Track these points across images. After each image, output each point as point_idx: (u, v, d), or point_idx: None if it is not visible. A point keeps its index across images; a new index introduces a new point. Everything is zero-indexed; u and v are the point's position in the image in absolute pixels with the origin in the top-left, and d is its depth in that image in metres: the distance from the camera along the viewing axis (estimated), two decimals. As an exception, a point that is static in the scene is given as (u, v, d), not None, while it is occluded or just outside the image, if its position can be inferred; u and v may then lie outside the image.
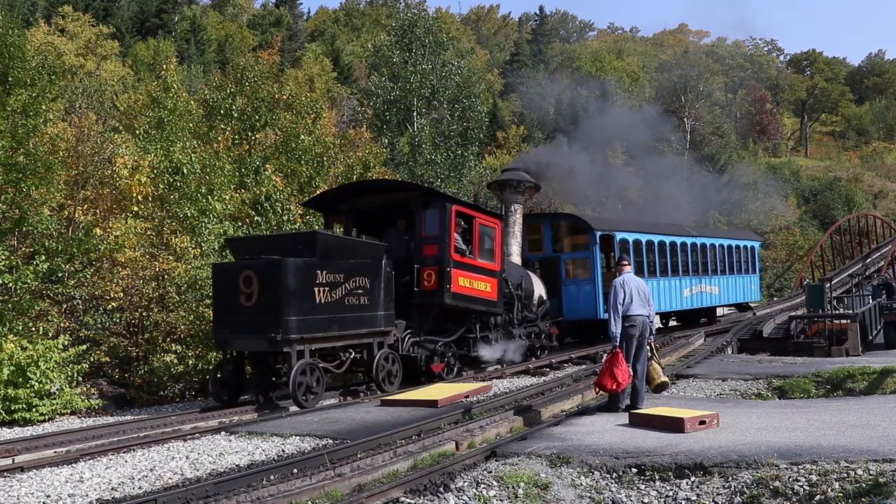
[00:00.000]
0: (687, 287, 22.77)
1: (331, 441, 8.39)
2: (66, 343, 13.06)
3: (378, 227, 14.70)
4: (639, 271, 19.63)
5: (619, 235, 19.53)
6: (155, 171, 16.34)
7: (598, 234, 18.87)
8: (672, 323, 25.59)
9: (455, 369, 13.92)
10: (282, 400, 11.34)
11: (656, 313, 18.21)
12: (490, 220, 14.66)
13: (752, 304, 29.42)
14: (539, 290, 17.18)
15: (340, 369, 11.88)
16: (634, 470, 6.93)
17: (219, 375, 11.76)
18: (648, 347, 9.76)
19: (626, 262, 9.92)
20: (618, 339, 9.32)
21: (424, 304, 13.24)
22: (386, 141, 32.80)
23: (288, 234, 14.41)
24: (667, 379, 10.52)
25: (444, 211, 13.19)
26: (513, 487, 6.61)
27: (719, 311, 27.75)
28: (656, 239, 21.41)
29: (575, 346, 19.03)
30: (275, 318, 10.63)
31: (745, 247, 27.69)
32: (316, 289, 11.07)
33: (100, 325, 16.13)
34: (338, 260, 11.55)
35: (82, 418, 12.27)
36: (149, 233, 16.22)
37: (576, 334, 20.66)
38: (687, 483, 6.66)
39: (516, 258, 17.23)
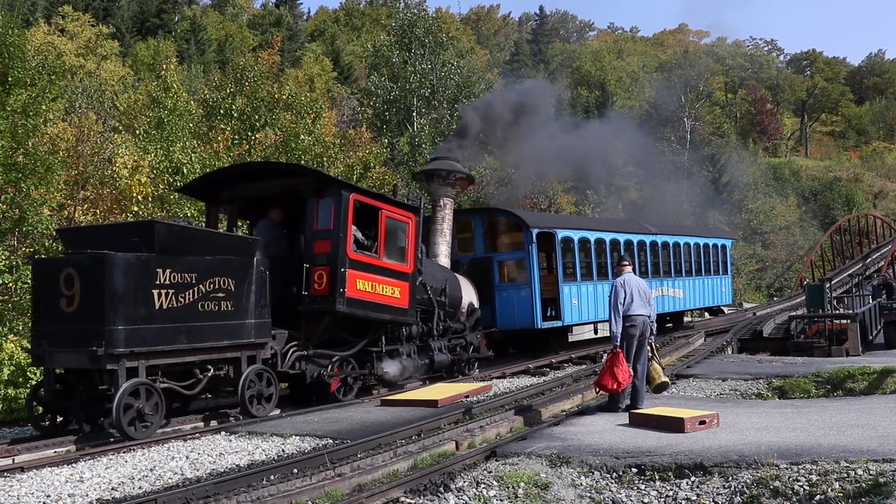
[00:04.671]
0: None
1: (331, 441, 8.40)
2: (66, 343, 13.05)
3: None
4: (585, 274, 17.79)
5: (560, 233, 17.23)
6: (155, 171, 16.34)
7: (535, 231, 16.52)
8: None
9: (354, 388, 11.86)
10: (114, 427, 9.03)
11: (604, 322, 16.44)
12: (401, 212, 12.52)
13: (724, 308, 27.40)
14: (469, 296, 15.04)
15: (194, 390, 9.75)
16: (634, 470, 6.94)
17: (41, 396, 9.57)
18: (649, 347, 9.80)
19: (626, 263, 10.02)
20: (618, 339, 9.36)
21: (314, 311, 11.13)
22: (386, 141, 32.76)
23: (120, 224, 12.03)
24: (667, 379, 10.54)
25: (339, 200, 11.14)
26: (513, 487, 6.62)
27: (688, 318, 25.03)
28: (607, 237, 18.96)
29: (513, 359, 16.83)
30: (97, 328, 8.62)
31: (715, 245, 24.88)
32: (155, 291, 8.99)
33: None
34: (188, 256, 9.41)
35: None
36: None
37: (517, 345, 18.23)
38: (687, 483, 6.66)
39: (444, 259, 15.24)
